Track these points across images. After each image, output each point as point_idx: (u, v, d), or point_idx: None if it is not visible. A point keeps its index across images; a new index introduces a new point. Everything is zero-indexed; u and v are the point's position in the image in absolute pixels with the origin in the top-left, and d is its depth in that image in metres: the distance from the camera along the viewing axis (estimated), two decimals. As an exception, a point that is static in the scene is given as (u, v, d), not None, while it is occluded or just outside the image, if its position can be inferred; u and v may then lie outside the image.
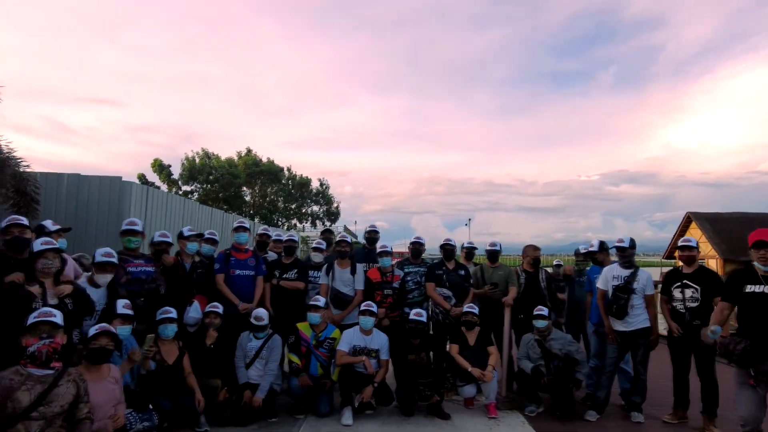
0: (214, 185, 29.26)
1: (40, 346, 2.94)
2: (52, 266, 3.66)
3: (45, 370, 2.97)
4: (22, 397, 2.83)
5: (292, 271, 5.73)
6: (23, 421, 2.81)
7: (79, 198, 10.69)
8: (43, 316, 3.05)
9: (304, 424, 4.68)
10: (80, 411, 3.06)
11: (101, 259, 4.07)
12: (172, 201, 12.33)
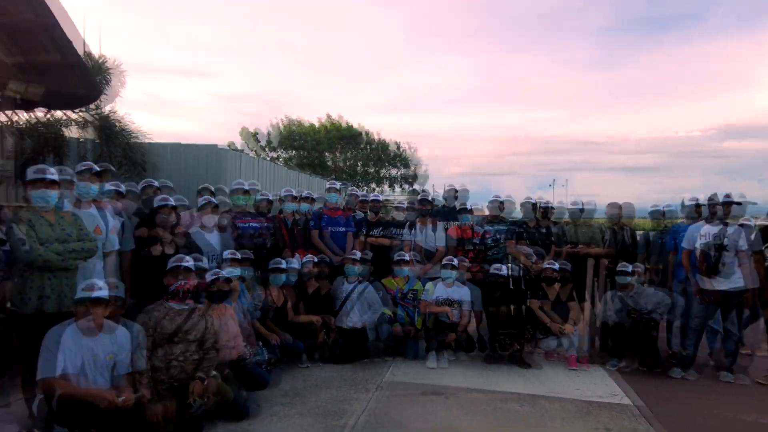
0: (299, 151, 30.56)
1: (178, 286, 3.54)
2: (167, 219, 4.31)
3: (182, 305, 3.58)
4: (166, 324, 3.46)
5: (378, 228, 6.14)
6: (168, 344, 3.44)
7: (181, 165, 11.80)
8: (178, 262, 3.65)
9: (392, 365, 5.14)
10: (208, 340, 3.66)
11: (202, 202, 4.86)
12: (263, 166, 13.20)
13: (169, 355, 3.41)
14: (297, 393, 4.28)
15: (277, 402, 4.06)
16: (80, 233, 3.56)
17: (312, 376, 4.74)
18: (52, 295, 3.35)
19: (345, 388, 4.43)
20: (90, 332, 3.14)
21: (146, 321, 3.39)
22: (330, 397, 4.22)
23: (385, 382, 4.65)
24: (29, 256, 3.24)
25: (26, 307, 3.29)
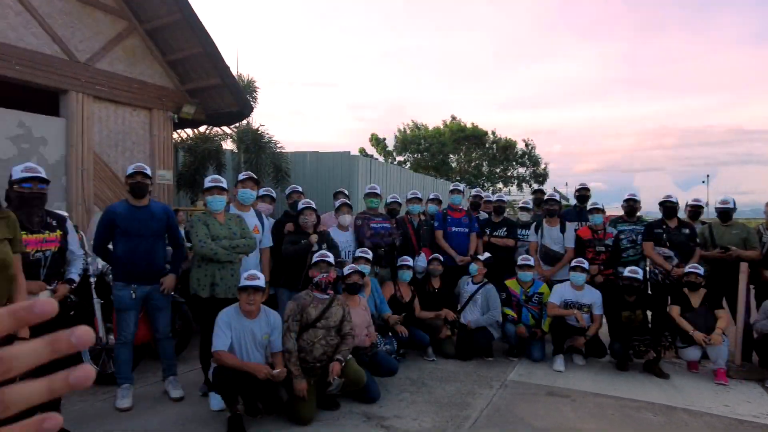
0: (424, 154, 31.13)
1: (321, 278, 4.01)
2: (308, 221, 4.83)
3: (323, 295, 4.04)
4: (311, 311, 3.94)
5: (502, 229, 6.18)
6: (312, 328, 3.92)
7: (318, 172, 12.84)
8: (321, 257, 4.13)
9: (517, 366, 5.17)
10: (345, 327, 4.07)
11: (339, 204, 5.36)
12: (390, 171, 13.80)
13: (313, 338, 3.89)
14: (424, 383, 4.55)
15: (405, 389, 4.37)
16: (243, 232, 4.22)
17: (438, 370, 4.98)
18: (221, 283, 4.03)
19: (469, 383, 4.59)
20: (249, 315, 3.72)
21: (294, 307, 3.90)
22: (455, 389, 4.41)
23: (510, 380, 4.71)
24: (204, 250, 3.94)
25: (203, 292, 4.00)
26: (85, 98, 7.01)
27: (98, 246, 3.94)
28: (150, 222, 3.96)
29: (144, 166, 4.02)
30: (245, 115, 9.32)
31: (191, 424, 3.63)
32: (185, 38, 7.80)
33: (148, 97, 7.88)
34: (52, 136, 6.75)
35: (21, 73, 6.30)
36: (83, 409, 3.79)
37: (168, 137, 8.28)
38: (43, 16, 6.57)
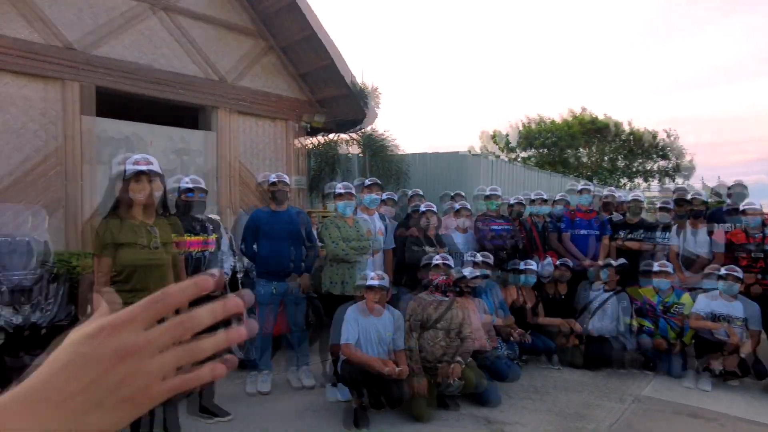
0: (551, 149, 29.67)
1: (441, 280, 4.10)
2: (429, 224, 4.93)
3: (442, 297, 4.13)
4: (431, 312, 4.05)
5: (638, 231, 5.72)
6: (433, 329, 4.03)
7: (437, 172, 12.93)
8: (441, 260, 4.23)
9: (653, 381, 4.77)
10: (465, 330, 4.11)
11: (457, 207, 5.39)
12: (512, 169, 13.43)
13: (433, 338, 3.99)
14: (547, 392, 4.41)
15: (526, 396, 4.28)
16: (368, 234, 4.48)
17: (563, 379, 4.78)
18: (350, 281, 4.32)
19: (597, 395, 4.35)
20: (374, 313, 3.94)
21: (415, 307, 4.05)
22: (580, 401, 4.22)
23: (644, 395, 4.37)
24: (336, 250, 4.26)
25: (334, 289, 4.33)
26: (231, 114, 7.91)
27: (244, 246, 4.47)
28: (288, 225, 4.38)
29: (284, 175, 4.48)
30: (369, 121, 9.76)
31: (321, 411, 3.95)
32: (315, 52, 8.40)
33: (284, 109, 8.64)
34: (206, 148, 7.73)
35: (182, 95, 7.32)
36: (232, 390, 4.32)
37: (301, 145, 8.99)
38: (199, 45, 7.55)
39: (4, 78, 5.88)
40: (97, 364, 0.39)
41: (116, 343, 0.40)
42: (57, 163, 6.22)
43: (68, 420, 0.38)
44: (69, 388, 0.39)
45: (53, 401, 0.38)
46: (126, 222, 2.72)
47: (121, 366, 0.40)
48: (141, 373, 0.40)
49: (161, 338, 0.42)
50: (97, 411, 0.39)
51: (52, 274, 3.87)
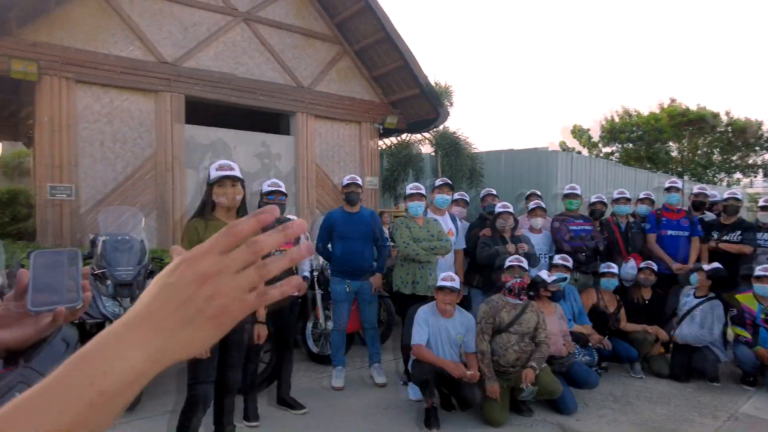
0: (636, 143, 27.88)
1: (514, 282, 4.02)
2: (505, 225, 4.83)
3: (516, 300, 4.04)
4: (504, 316, 3.98)
5: (735, 232, 5.25)
6: (505, 333, 3.96)
7: (514, 170, 12.59)
8: (515, 261, 4.14)
9: (753, 397, 4.36)
10: (539, 335, 4.00)
11: (533, 206, 5.19)
12: (595, 165, 12.79)
13: (506, 342, 3.92)
14: (629, 402, 4.18)
15: (605, 405, 4.09)
16: (439, 234, 4.48)
17: (646, 389, 4.51)
18: (421, 281, 4.35)
19: (686, 409, 4.06)
20: (445, 314, 3.94)
21: (487, 310, 3.99)
22: (667, 414, 3.96)
23: (743, 413, 4.01)
24: (407, 250, 4.31)
25: (405, 289, 4.38)
26: (308, 118, 8.22)
27: (320, 246, 4.64)
28: (360, 226, 4.50)
29: (356, 177, 4.60)
30: (442, 120, 9.73)
31: (392, 409, 4.01)
32: (387, 54, 8.52)
33: (358, 111, 8.84)
34: (285, 151, 8.09)
35: (263, 101, 7.71)
36: (306, 383, 4.51)
37: (374, 146, 9.15)
38: (278, 53, 7.92)
39: (110, 93, 6.53)
40: (183, 289, 0.47)
41: (196, 270, 0.48)
42: (152, 168, 6.80)
43: (166, 337, 0.47)
44: (163, 311, 0.47)
45: (152, 323, 0.47)
46: (210, 223, 2.93)
47: (203, 288, 0.47)
48: (222, 293, 0.48)
49: (234, 262, 0.49)
50: (189, 328, 0.47)
51: (147, 270, 4.25)
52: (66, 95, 6.17)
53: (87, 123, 6.38)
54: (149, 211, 6.68)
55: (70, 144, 6.19)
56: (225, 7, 7.40)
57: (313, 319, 5.09)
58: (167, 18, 6.91)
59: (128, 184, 6.62)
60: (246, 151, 7.66)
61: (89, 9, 6.33)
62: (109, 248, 4.15)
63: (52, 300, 0.70)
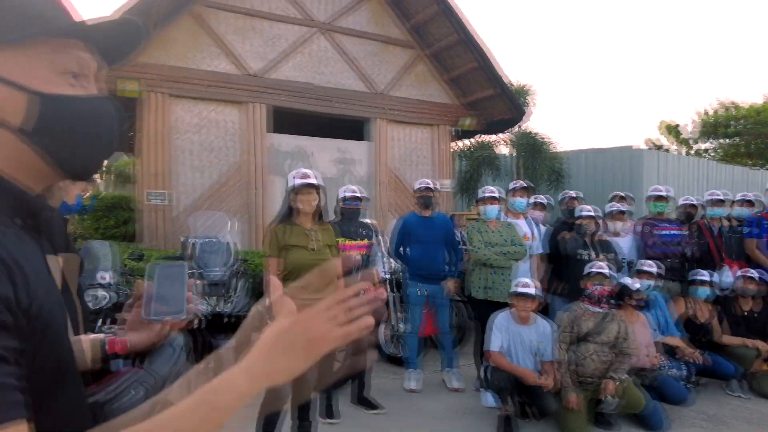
0: (735, 139, 25.47)
1: (594, 290, 3.86)
2: (588, 229, 4.63)
3: (597, 308, 3.88)
4: (584, 324, 3.84)
5: None
6: (585, 342, 3.81)
7: (597, 169, 11.98)
8: (597, 269, 3.98)
9: None
10: (622, 345, 3.80)
11: (609, 210, 4.98)
12: (686, 163, 11.89)
13: (585, 352, 3.77)
14: (723, 421, 3.86)
15: (697, 424, 3.81)
16: (514, 239, 4.40)
17: (746, 408, 4.14)
18: (495, 287, 4.30)
19: (794, 433, 3.68)
20: (522, 321, 3.87)
21: (567, 319, 3.87)
22: (771, 437, 3.62)
23: None
24: (479, 255, 4.27)
25: (478, 294, 4.35)
26: (384, 123, 8.37)
27: (395, 250, 4.72)
28: (434, 230, 4.52)
29: (430, 181, 4.63)
30: (519, 120, 9.50)
31: (466, 414, 4.00)
32: (464, 56, 8.47)
33: (433, 115, 8.86)
34: (362, 157, 8.29)
35: (340, 109, 7.97)
36: (381, 384, 4.60)
37: (448, 149, 9.13)
38: (356, 60, 8.14)
39: (200, 105, 7.06)
40: (294, 347, 0.67)
41: (309, 333, 0.68)
42: (238, 175, 7.25)
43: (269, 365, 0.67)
44: (277, 361, 0.67)
45: (268, 375, 0.67)
46: (293, 227, 3.10)
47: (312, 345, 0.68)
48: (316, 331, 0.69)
49: (333, 318, 0.70)
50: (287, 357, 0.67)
51: (237, 272, 4.55)
52: (162, 109, 6.75)
53: (180, 134, 6.94)
54: (236, 215, 7.13)
55: (166, 153, 6.76)
56: (305, 19, 7.73)
57: (388, 321, 5.19)
58: (251, 33, 7.34)
59: (217, 190, 7.12)
60: (324, 157, 7.95)
61: (183, 29, 6.89)
62: (201, 250, 4.50)
63: (163, 311, 0.81)
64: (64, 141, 0.68)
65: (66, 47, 0.68)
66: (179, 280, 0.83)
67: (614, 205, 5.04)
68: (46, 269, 0.70)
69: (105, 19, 0.69)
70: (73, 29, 0.68)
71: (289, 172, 3.77)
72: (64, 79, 0.68)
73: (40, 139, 0.66)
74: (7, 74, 0.64)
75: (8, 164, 0.66)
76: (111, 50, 0.73)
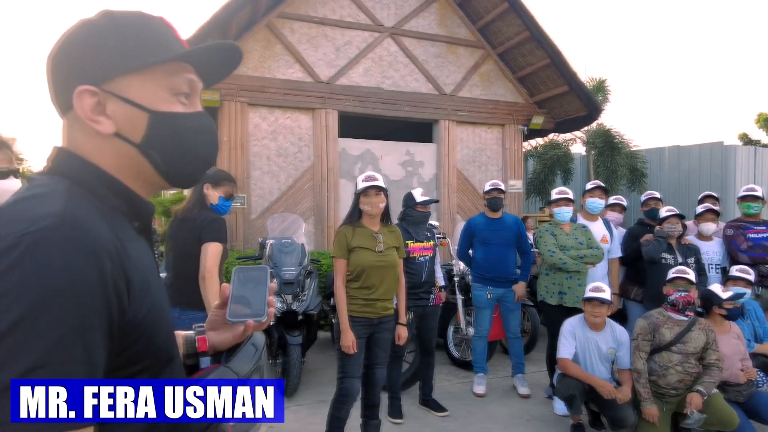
0: None
1: (677, 297, 3.61)
2: (674, 230, 4.34)
3: (680, 316, 3.63)
4: (665, 333, 3.60)
5: None
6: (666, 351, 3.58)
7: (681, 168, 11.18)
8: (680, 273, 3.73)
9: None
10: (709, 356, 3.53)
11: (700, 211, 4.61)
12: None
13: (667, 362, 3.54)
14: (834, 446, 3.48)
15: (801, 447, 3.45)
16: (589, 242, 4.22)
17: None
18: (569, 291, 4.14)
19: None
20: (595, 327, 3.70)
21: (645, 326, 3.65)
22: None
23: None
24: (553, 259, 4.14)
25: (551, 299, 4.21)
26: (450, 124, 8.32)
27: (461, 252, 4.69)
28: (503, 232, 4.44)
29: (499, 183, 4.55)
30: (594, 118, 9.08)
31: (535, 422, 3.88)
32: (533, 53, 8.24)
33: (501, 114, 8.69)
34: (427, 158, 8.29)
35: (407, 111, 8.01)
36: (447, 387, 4.57)
37: (518, 149, 8.90)
38: (422, 63, 8.16)
39: (275, 113, 7.38)
40: None
41: None
42: (310, 179, 7.50)
43: None
44: None
45: None
46: (357, 229, 3.18)
47: None
48: None
49: None
50: None
51: (306, 271, 4.71)
52: (240, 117, 7.12)
53: (256, 140, 7.29)
54: (308, 217, 7.38)
55: (244, 159, 7.12)
56: (372, 24, 7.86)
57: (455, 324, 5.15)
58: (322, 41, 7.57)
59: (290, 194, 7.40)
60: (391, 160, 8.03)
61: (258, 40, 7.23)
62: (276, 250, 4.70)
63: (244, 313, 0.86)
64: (176, 153, 0.78)
65: (179, 70, 0.77)
66: (261, 284, 0.88)
67: (706, 205, 4.68)
68: (156, 268, 0.81)
69: (212, 45, 0.78)
70: (189, 56, 0.77)
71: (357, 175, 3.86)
72: (177, 99, 0.78)
73: (156, 152, 0.76)
74: (133, 96, 0.74)
75: (128, 174, 0.76)
76: (213, 71, 0.83)
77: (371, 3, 7.89)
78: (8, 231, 0.60)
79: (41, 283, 0.58)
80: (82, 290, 0.60)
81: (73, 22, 0.77)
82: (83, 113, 0.73)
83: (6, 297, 0.57)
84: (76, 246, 0.61)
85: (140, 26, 0.76)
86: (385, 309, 3.21)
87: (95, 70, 0.73)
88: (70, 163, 0.74)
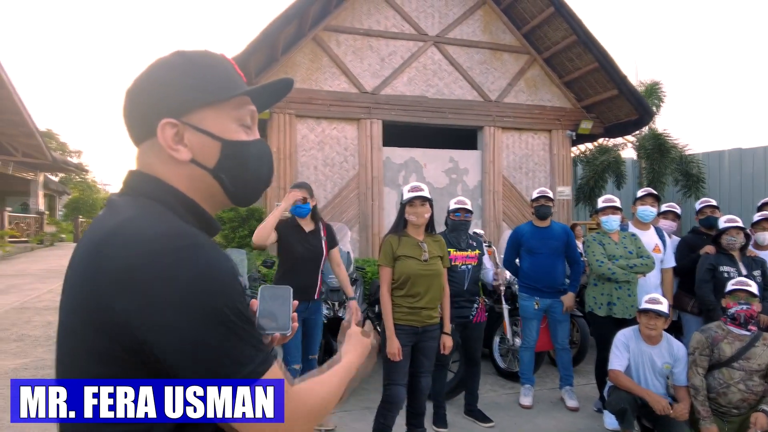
0: None
1: (738, 310, 3.44)
2: (735, 242, 4.13)
3: (742, 331, 3.45)
4: (725, 348, 3.43)
5: None
6: (727, 367, 3.41)
7: (743, 172, 10.58)
8: (740, 285, 3.55)
9: None
10: (776, 375, 3.34)
11: (756, 219, 4.34)
12: None
13: (728, 379, 3.37)
14: None
15: None
16: (639, 251, 4.08)
17: None
18: (618, 302, 4.01)
19: None
20: (649, 340, 3.57)
21: (703, 340, 3.49)
22: None
23: None
24: (601, 269, 4.03)
25: (599, 310, 4.09)
26: (495, 131, 8.24)
27: (507, 260, 4.64)
28: (551, 241, 4.36)
29: (546, 190, 4.48)
30: (645, 122, 8.76)
31: (586, 436, 3.78)
32: (580, 57, 8.06)
33: (548, 119, 8.53)
34: (471, 166, 8.24)
35: (451, 119, 8.01)
36: (493, 397, 4.52)
37: (566, 154, 8.70)
38: (466, 70, 8.14)
39: (322, 124, 7.56)
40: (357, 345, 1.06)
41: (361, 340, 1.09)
42: (355, 188, 7.61)
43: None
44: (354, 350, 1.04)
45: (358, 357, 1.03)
46: (403, 239, 3.22)
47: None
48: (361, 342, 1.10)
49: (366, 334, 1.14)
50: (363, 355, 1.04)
51: (352, 279, 4.78)
52: (289, 128, 7.33)
53: (304, 150, 7.48)
54: (353, 225, 7.48)
55: (292, 169, 7.32)
56: (416, 34, 7.92)
57: (500, 334, 5.08)
58: (367, 52, 7.70)
59: (336, 202, 7.54)
60: (435, 167, 8.03)
61: (305, 53, 7.44)
62: (326, 259, 4.79)
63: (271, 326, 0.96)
64: (242, 176, 0.88)
65: (244, 103, 0.88)
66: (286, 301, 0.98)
67: (763, 213, 4.43)
68: None
69: (273, 83, 0.91)
70: (253, 91, 0.88)
71: (402, 184, 3.90)
72: (242, 129, 0.87)
73: (226, 175, 0.86)
74: (208, 127, 0.83)
75: (201, 195, 0.86)
76: (267, 101, 0.94)
77: (416, 13, 7.96)
78: (142, 249, 0.70)
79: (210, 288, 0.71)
80: (238, 286, 0.75)
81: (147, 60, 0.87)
82: (165, 142, 0.81)
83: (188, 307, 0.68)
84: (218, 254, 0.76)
85: (210, 65, 0.86)
86: (430, 317, 3.23)
87: (176, 105, 0.82)
88: (151, 185, 0.83)
